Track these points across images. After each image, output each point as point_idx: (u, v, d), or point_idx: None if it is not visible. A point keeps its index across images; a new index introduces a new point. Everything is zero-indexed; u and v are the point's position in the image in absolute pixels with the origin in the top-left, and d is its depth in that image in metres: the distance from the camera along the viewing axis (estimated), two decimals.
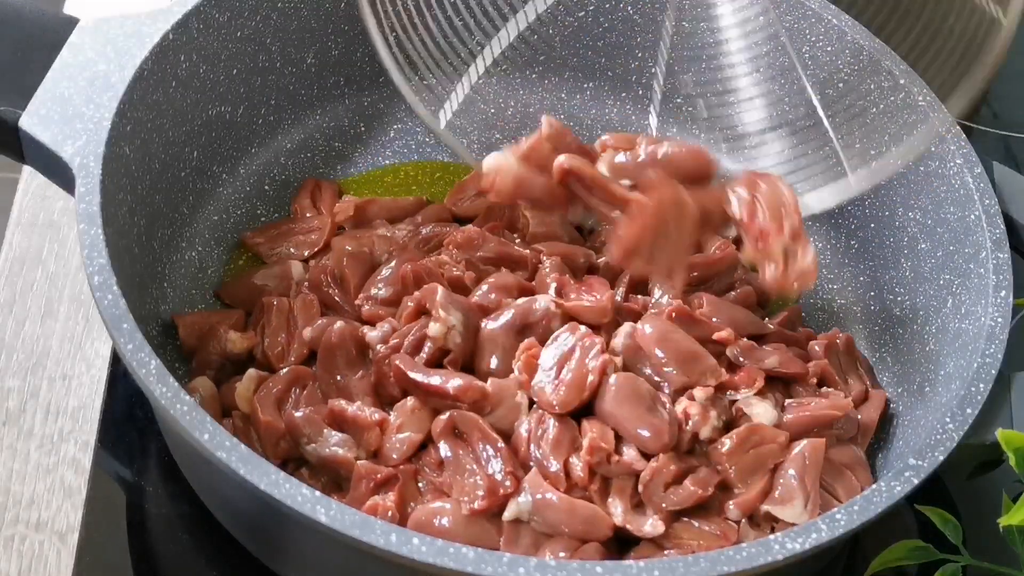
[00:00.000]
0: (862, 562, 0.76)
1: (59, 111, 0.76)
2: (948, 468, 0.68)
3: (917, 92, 0.86)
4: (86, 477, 0.78)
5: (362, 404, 0.76)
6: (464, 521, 0.71)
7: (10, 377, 0.83)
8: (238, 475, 0.61)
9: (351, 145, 0.98)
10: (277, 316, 0.82)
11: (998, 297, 0.75)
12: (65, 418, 0.81)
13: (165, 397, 0.64)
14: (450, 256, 0.84)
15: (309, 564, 0.72)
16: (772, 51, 0.93)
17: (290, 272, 0.85)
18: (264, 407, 0.75)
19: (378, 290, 0.82)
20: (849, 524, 0.64)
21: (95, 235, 0.70)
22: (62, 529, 0.75)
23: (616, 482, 0.74)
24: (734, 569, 0.61)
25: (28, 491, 0.77)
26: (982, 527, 0.77)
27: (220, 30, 0.85)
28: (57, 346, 0.85)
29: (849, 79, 0.90)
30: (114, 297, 0.67)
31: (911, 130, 0.86)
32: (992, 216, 0.79)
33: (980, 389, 0.71)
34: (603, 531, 0.72)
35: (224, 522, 0.76)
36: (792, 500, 0.74)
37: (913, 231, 0.86)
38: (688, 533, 0.73)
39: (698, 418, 0.74)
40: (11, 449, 0.79)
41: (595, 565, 0.61)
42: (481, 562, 0.60)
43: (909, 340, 0.85)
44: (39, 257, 0.89)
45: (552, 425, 0.74)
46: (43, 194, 0.92)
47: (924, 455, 0.68)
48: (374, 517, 0.63)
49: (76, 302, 0.87)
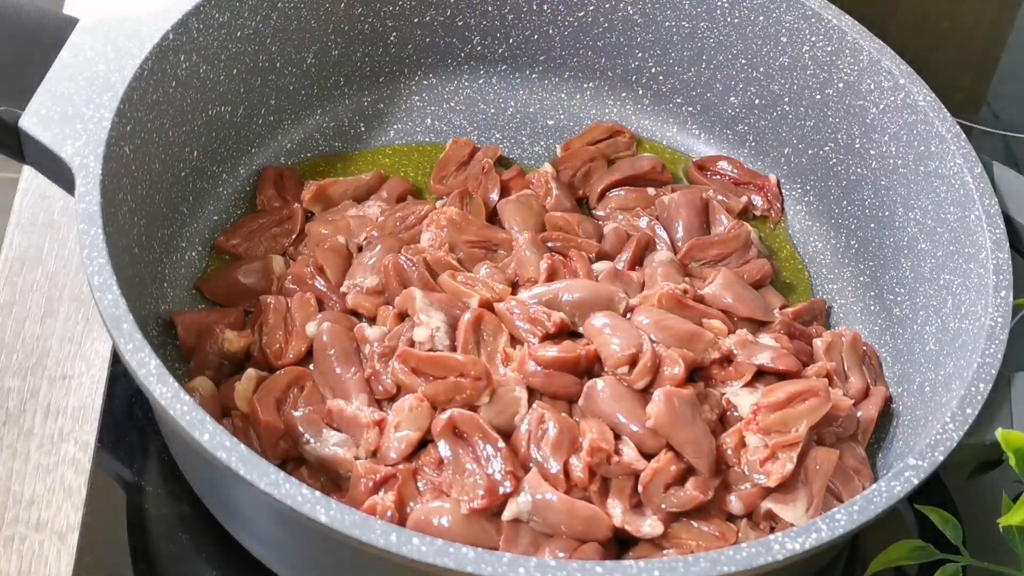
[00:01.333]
0: (862, 562, 0.76)
1: (59, 111, 0.76)
2: (948, 468, 0.68)
3: (917, 92, 0.86)
4: (86, 477, 0.78)
5: (361, 404, 0.76)
6: (463, 521, 0.71)
7: (10, 377, 0.83)
8: (238, 475, 0.61)
9: (351, 145, 0.98)
10: (274, 314, 0.82)
11: (998, 297, 0.75)
12: (65, 418, 0.81)
13: (165, 397, 0.64)
14: (433, 237, 0.85)
15: (309, 564, 0.72)
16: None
17: (271, 267, 0.85)
18: (263, 407, 0.76)
19: (363, 278, 0.83)
20: (849, 524, 0.64)
21: (95, 235, 0.70)
22: (62, 529, 0.75)
23: (616, 482, 0.74)
24: (734, 569, 0.61)
25: (28, 491, 0.77)
26: (982, 527, 0.77)
27: (220, 30, 0.85)
28: (57, 346, 0.85)
29: (849, 79, 0.90)
30: (114, 297, 0.67)
31: (911, 129, 0.86)
32: (992, 216, 0.79)
33: (980, 389, 0.71)
34: (603, 532, 0.72)
35: (223, 522, 0.76)
36: (796, 500, 0.74)
37: (913, 231, 0.86)
38: (687, 533, 0.73)
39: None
40: (11, 449, 0.79)
41: (595, 565, 0.61)
42: (481, 562, 0.60)
43: (909, 340, 0.85)
44: (39, 257, 0.89)
45: (552, 426, 0.74)
46: (43, 194, 0.92)
47: (924, 455, 0.68)
48: (374, 517, 0.63)
49: (76, 302, 0.87)
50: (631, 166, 0.96)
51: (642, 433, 0.74)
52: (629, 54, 1.00)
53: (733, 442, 0.76)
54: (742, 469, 0.75)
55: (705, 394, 0.78)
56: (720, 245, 0.90)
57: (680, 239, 0.91)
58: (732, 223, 0.92)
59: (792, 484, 0.74)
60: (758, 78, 0.96)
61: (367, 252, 0.85)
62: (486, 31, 1.00)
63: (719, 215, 0.93)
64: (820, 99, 0.93)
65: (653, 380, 0.77)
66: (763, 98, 0.97)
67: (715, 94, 0.99)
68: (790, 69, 0.94)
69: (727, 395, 0.78)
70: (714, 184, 0.97)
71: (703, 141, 1.01)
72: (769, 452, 0.75)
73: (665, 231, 0.91)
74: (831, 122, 0.93)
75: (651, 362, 0.76)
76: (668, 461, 0.73)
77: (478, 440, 0.73)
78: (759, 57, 0.95)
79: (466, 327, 0.78)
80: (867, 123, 0.90)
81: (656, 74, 1.00)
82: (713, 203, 0.93)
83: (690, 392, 0.76)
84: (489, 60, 1.01)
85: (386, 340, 0.79)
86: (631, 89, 1.02)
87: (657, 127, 1.02)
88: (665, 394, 0.74)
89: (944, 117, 0.84)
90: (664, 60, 0.99)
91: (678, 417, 0.74)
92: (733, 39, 0.96)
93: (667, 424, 0.74)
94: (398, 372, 0.76)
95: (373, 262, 0.84)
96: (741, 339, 0.81)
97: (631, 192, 0.95)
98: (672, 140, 1.02)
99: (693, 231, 0.91)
